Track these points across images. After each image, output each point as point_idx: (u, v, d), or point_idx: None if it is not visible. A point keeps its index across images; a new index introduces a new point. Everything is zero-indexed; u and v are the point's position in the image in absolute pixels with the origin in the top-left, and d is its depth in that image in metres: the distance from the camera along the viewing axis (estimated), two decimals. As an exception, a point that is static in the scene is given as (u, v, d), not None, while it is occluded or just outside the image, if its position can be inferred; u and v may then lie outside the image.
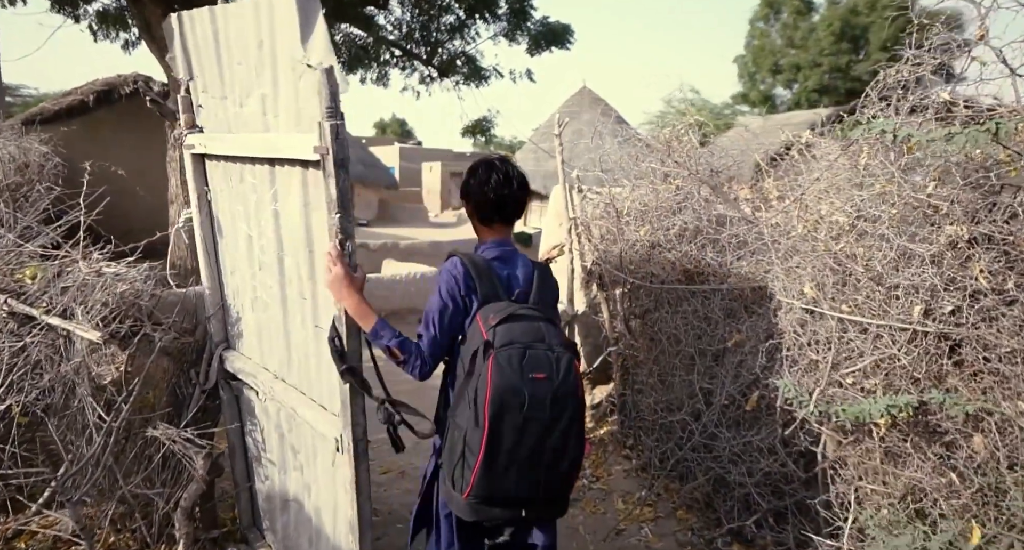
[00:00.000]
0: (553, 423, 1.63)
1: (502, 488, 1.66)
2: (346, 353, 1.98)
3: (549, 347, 1.66)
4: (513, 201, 1.96)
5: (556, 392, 1.63)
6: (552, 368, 1.64)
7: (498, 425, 1.61)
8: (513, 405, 1.60)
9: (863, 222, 2.16)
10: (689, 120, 3.43)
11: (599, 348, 4.18)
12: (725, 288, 2.91)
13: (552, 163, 23.29)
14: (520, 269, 1.92)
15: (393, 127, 53.66)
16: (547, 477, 1.67)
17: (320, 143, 1.83)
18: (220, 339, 2.90)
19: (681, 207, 3.11)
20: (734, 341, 2.92)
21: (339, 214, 1.88)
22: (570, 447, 1.67)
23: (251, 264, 2.58)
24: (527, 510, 1.70)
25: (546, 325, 1.72)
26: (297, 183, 2.13)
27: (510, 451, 1.62)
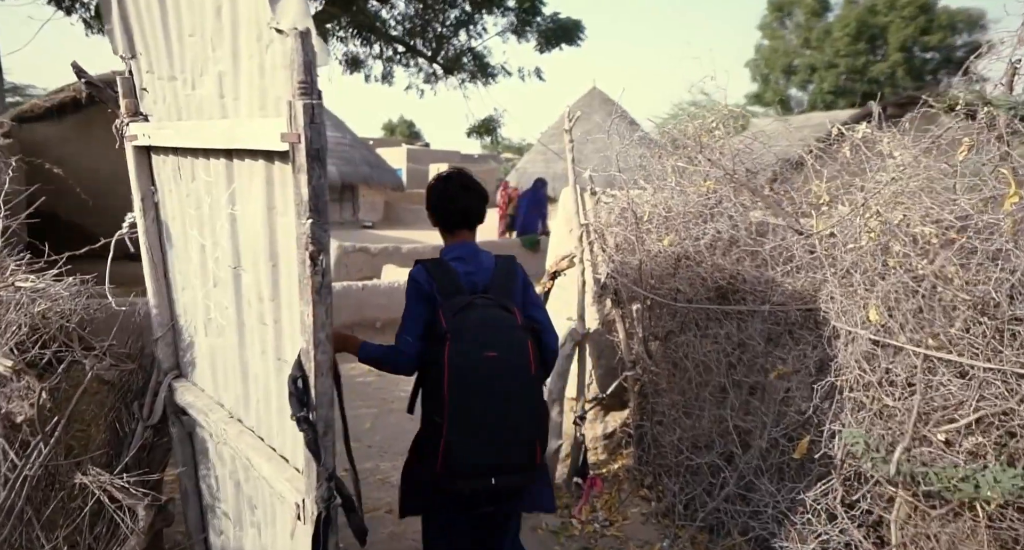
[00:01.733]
0: (508, 396, 1.84)
1: (469, 459, 1.84)
2: (311, 399, 1.54)
3: (501, 329, 1.88)
4: (474, 210, 2.13)
5: (508, 368, 1.85)
6: (504, 346, 1.85)
7: (457, 401, 1.82)
8: (469, 382, 1.82)
9: (963, 234, 1.70)
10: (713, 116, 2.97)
11: (614, 371, 3.73)
12: (767, 309, 2.44)
13: (562, 165, 22.89)
14: (481, 265, 2.08)
15: (401, 128, 53.34)
16: (509, 446, 1.85)
17: (290, 128, 1.39)
18: (169, 366, 2.46)
19: (713, 213, 2.65)
20: (777, 373, 2.46)
21: (311, 220, 1.44)
22: (527, 417, 1.87)
23: (204, 280, 2.15)
24: (496, 479, 1.85)
25: (501, 311, 1.92)
26: (260, 181, 1.69)
27: (472, 424, 1.83)
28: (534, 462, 1.90)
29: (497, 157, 43.50)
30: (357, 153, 22.17)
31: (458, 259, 2.07)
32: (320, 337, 1.48)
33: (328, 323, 1.51)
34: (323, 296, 1.46)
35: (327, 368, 1.51)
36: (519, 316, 1.94)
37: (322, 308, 1.47)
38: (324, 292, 1.46)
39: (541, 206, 13.36)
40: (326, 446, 1.53)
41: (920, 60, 21.85)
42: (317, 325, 1.47)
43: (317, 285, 1.44)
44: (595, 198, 3.39)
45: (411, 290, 2.02)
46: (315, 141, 1.36)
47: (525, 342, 1.88)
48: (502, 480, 1.87)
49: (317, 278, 1.44)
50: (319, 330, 1.48)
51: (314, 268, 1.43)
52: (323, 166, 1.40)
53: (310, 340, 1.48)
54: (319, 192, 1.40)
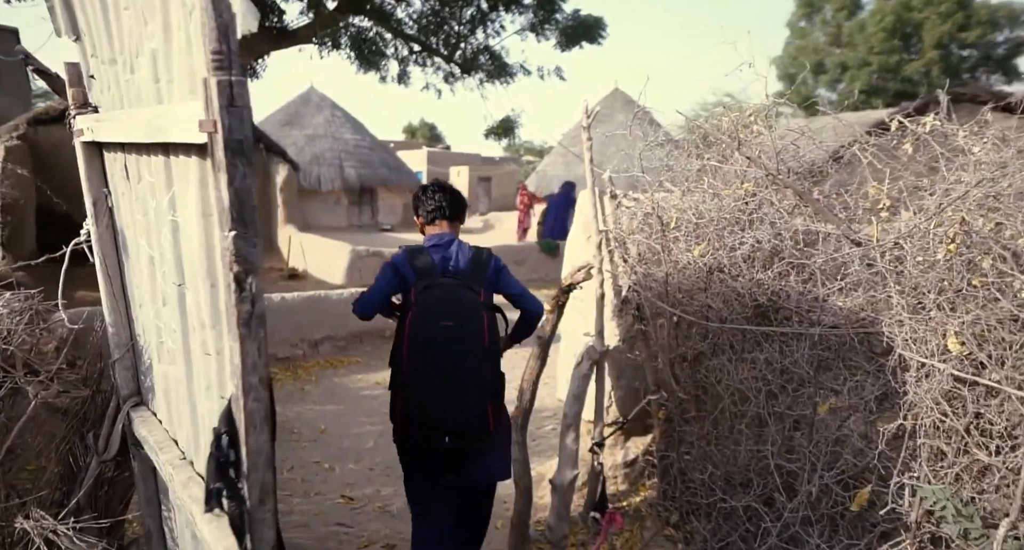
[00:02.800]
0: (460, 359, 2.05)
1: (424, 416, 2.05)
2: (241, 463, 1.22)
3: (459, 303, 2.10)
4: (447, 204, 2.44)
5: (462, 335, 2.06)
6: (459, 317, 2.07)
7: (415, 363, 2.07)
8: (426, 346, 2.05)
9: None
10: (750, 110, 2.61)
11: (636, 393, 3.37)
12: (817, 332, 2.07)
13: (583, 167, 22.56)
14: (453, 252, 2.34)
15: (422, 131, 53.34)
16: (459, 407, 2.04)
17: (206, 114, 1.08)
18: (129, 392, 2.16)
19: (752, 219, 2.29)
20: (828, 407, 2.09)
21: (235, 232, 1.13)
22: (478, 381, 2.08)
23: (154, 297, 1.85)
24: (449, 438, 2.04)
25: (464, 289, 2.16)
26: (195, 182, 1.38)
27: (427, 384, 2.04)
28: (486, 425, 2.12)
29: (518, 160, 43.23)
30: (376, 156, 22.02)
31: (434, 247, 2.35)
32: (252, 381, 1.16)
33: (262, 363, 1.18)
34: (253, 329, 1.14)
35: (262, 418, 1.19)
36: (483, 295, 2.21)
37: (253, 344, 1.15)
38: (255, 324, 1.14)
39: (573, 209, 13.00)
40: (262, 518, 1.21)
41: (957, 57, 21.02)
42: (247, 366, 1.15)
43: (245, 315, 1.12)
44: (615, 202, 3.04)
45: (387, 266, 2.34)
46: (235, 130, 1.05)
47: (480, 315, 2.14)
48: (454, 440, 2.07)
49: (245, 306, 1.12)
50: (249, 372, 1.16)
51: (240, 294, 1.11)
52: (248, 162, 1.08)
53: (239, 385, 1.16)
54: (243, 196, 1.08)
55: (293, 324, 5.70)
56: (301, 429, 4.41)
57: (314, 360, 5.81)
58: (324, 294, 5.95)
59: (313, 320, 5.84)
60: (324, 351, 5.96)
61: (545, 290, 11.09)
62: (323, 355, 5.93)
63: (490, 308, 2.24)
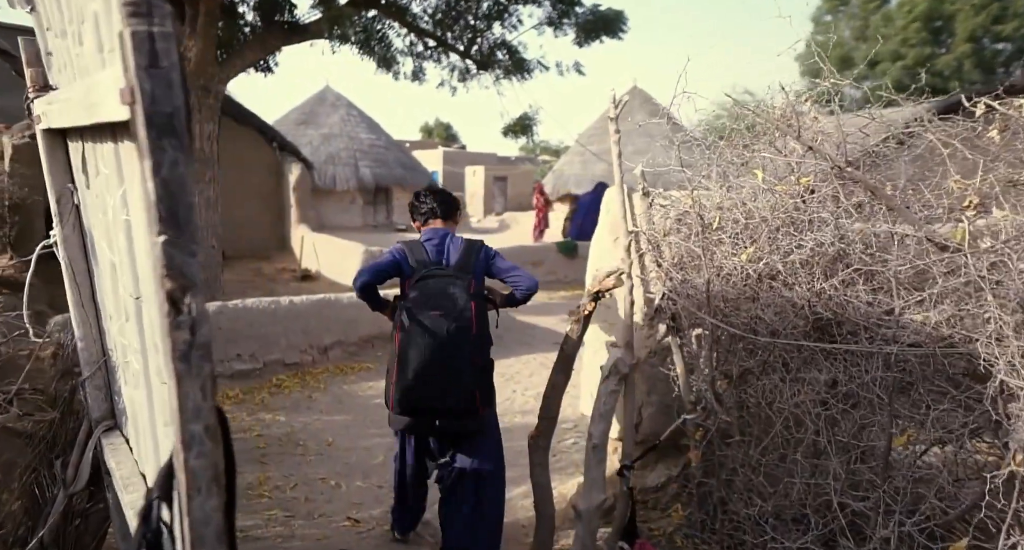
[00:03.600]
0: (448, 348, 2.24)
1: (415, 399, 2.27)
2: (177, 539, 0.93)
3: (448, 294, 2.29)
4: (439, 205, 2.66)
5: (450, 324, 2.25)
6: (448, 307, 2.26)
7: (406, 351, 2.26)
8: (416, 335, 2.25)
9: None
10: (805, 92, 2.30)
11: (668, 410, 3.07)
12: (893, 351, 1.76)
13: (601, 166, 22.16)
14: (446, 246, 2.55)
15: (438, 131, 53.22)
16: (448, 391, 2.25)
17: (124, 80, 0.81)
18: (101, 415, 1.91)
19: (812, 219, 1.98)
20: (907, 439, 1.78)
21: (165, 237, 0.85)
22: (465, 366, 2.27)
23: (118, 310, 1.59)
24: (439, 420, 2.29)
25: (454, 279, 2.34)
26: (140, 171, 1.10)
27: (416, 370, 2.24)
28: (474, 409, 2.29)
29: (534, 159, 42.93)
30: (391, 155, 21.85)
31: (428, 240, 2.57)
32: (194, 431, 0.88)
33: (208, 408, 0.90)
34: (194, 363, 0.85)
35: (209, 479, 0.89)
36: (473, 285, 2.36)
37: (194, 383, 0.86)
38: (196, 357, 0.85)
39: None
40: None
41: (991, 51, 20.28)
42: (187, 411, 0.86)
43: (182, 345, 0.83)
44: (648, 200, 2.74)
45: (388, 254, 2.56)
46: (160, 99, 0.77)
47: (469, 305, 2.26)
48: (445, 422, 2.26)
49: (182, 335, 0.83)
50: (191, 419, 0.87)
51: (175, 318, 0.83)
52: (180, 144, 0.80)
53: (178, 435, 0.88)
54: (175, 189, 0.80)
55: (302, 329, 5.46)
56: (307, 442, 4.16)
57: (323, 366, 5.57)
58: (334, 298, 5.71)
59: (322, 325, 5.60)
60: (334, 357, 5.71)
61: (563, 292, 10.81)
62: (333, 361, 5.69)
63: (479, 297, 2.43)
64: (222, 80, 7.34)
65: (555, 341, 7.54)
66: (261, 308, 5.23)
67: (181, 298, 0.82)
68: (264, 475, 3.64)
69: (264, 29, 7.76)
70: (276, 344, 5.30)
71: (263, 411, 4.60)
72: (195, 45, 6.79)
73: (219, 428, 0.91)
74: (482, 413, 2.33)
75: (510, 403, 5.18)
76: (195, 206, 0.87)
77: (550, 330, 7.65)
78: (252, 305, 5.19)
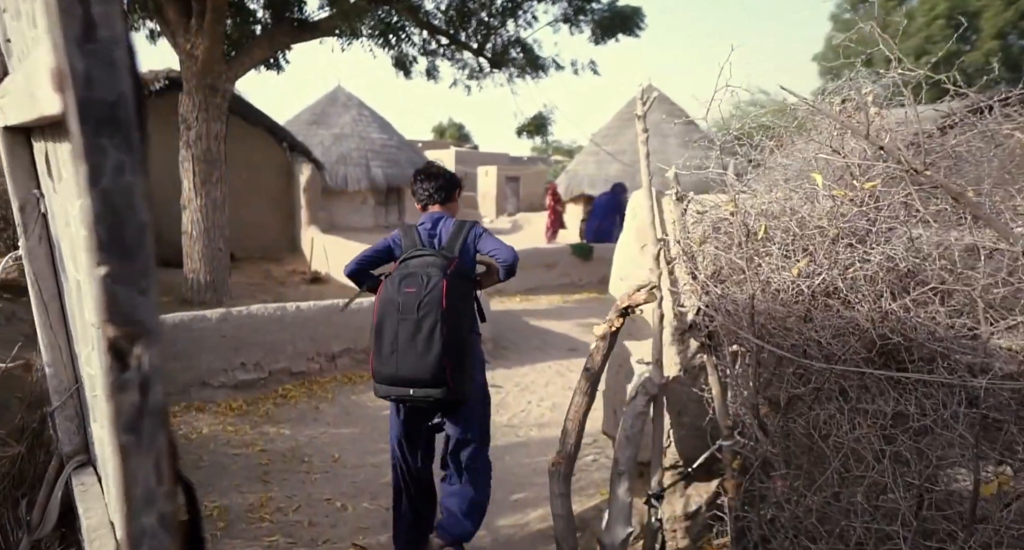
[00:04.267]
0: (420, 322, 2.36)
1: (389, 371, 2.40)
2: None
3: (423, 272, 2.43)
4: (434, 191, 2.80)
5: (421, 301, 2.37)
6: (421, 285, 2.40)
7: (381, 324, 2.42)
8: (390, 310, 2.41)
9: None
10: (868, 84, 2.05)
11: (700, 433, 2.82)
12: (982, 384, 1.51)
13: (616, 166, 21.87)
14: (439, 229, 2.73)
15: (451, 131, 53.07)
16: (421, 362, 2.35)
17: (52, 58, 0.59)
18: (73, 449, 1.70)
19: (879, 229, 1.73)
20: (998, 486, 1.53)
21: (106, 268, 0.62)
22: (435, 340, 2.35)
23: (84, 335, 1.38)
24: (413, 389, 2.41)
25: (435, 258, 2.49)
26: (75, 180, 0.88)
27: (391, 342, 2.39)
28: (443, 377, 2.36)
29: (547, 159, 42.65)
30: (403, 155, 21.68)
31: (422, 224, 2.75)
32: (144, 524, 0.65)
33: (164, 492, 0.67)
34: (145, 435, 0.63)
35: None
36: (455, 263, 2.50)
37: (146, 460, 0.64)
38: (149, 427, 0.63)
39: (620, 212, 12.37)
40: None
41: (1018, 48, 19.74)
42: (135, 500, 0.64)
43: (129, 411, 0.61)
44: (682, 204, 2.50)
45: (383, 240, 2.77)
46: (99, 84, 0.55)
47: (440, 280, 2.38)
48: (418, 391, 2.39)
49: (128, 397, 0.61)
50: (141, 510, 0.65)
51: (119, 376, 0.60)
52: (126, 144, 0.58)
53: (124, 529, 0.65)
54: (121, 204, 0.58)
55: (309, 336, 5.26)
56: (312, 458, 3.95)
57: (331, 375, 5.36)
58: (342, 303, 5.50)
59: (331, 331, 5.40)
60: (342, 365, 5.51)
61: (577, 295, 10.55)
62: (341, 369, 5.48)
63: (460, 276, 2.52)
64: (230, 78, 7.17)
65: (570, 347, 7.32)
66: (267, 315, 5.03)
67: (128, 349, 0.59)
68: (266, 495, 3.43)
69: (274, 26, 7.58)
70: (282, 352, 5.10)
71: (267, 423, 4.40)
72: (202, 42, 6.62)
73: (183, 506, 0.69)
74: (454, 385, 2.42)
75: (525, 415, 4.96)
76: (148, 227, 0.65)
77: (565, 335, 7.41)
78: (258, 312, 5.00)
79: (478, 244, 2.69)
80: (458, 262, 2.55)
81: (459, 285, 2.48)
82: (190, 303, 7.39)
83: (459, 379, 2.43)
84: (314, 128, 21.10)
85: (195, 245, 7.28)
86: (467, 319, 2.59)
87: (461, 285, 2.51)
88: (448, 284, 2.39)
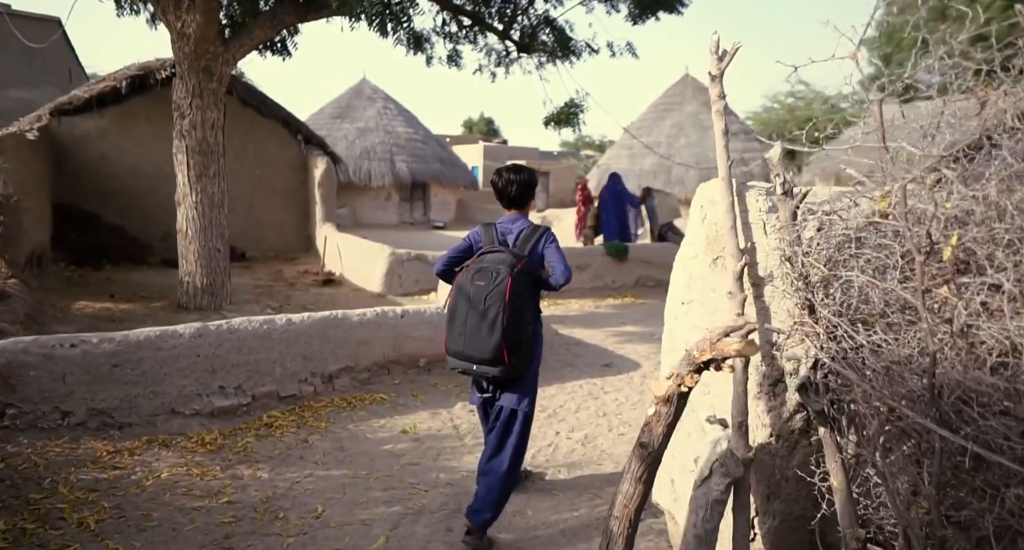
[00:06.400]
0: (486, 311, 2.71)
1: (457, 348, 2.81)
2: None
3: (493, 268, 2.76)
4: (515, 196, 3.13)
5: (488, 293, 2.71)
6: (490, 279, 2.74)
7: (454, 309, 2.82)
8: (461, 298, 2.79)
9: None
10: None
11: (801, 525, 1.99)
12: None
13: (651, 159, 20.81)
14: (514, 230, 3.08)
15: (479, 126, 52.33)
16: (483, 344, 2.72)
17: None
18: None
19: None
20: None
21: None
22: (497, 327, 2.69)
23: None
24: (476, 365, 2.79)
25: (506, 255, 2.83)
26: None
27: (461, 324, 2.78)
28: (501, 358, 2.74)
29: (577, 154, 41.59)
30: (429, 149, 20.98)
31: (501, 223, 3.14)
32: None
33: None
34: None
35: None
36: (524, 262, 2.84)
37: None
38: None
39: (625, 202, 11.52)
40: None
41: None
42: None
43: None
44: (790, 201, 1.65)
45: (464, 239, 3.16)
46: None
47: (506, 277, 2.73)
48: (479, 368, 2.81)
49: None
50: None
51: None
52: None
53: None
54: None
55: (301, 354, 4.52)
56: (289, 513, 3.20)
57: (327, 398, 4.62)
58: (342, 315, 4.76)
59: (328, 348, 4.66)
60: (341, 386, 4.77)
61: (611, 299, 9.69)
62: (339, 391, 4.74)
63: (526, 274, 2.84)
64: (227, 61, 6.48)
65: (604, 362, 6.42)
66: (252, 329, 4.31)
67: None
68: (221, 571, 2.69)
69: (276, 3, 6.87)
70: (270, 373, 4.38)
71: (243, 463, 3.67)
72: (194, 20, 5.93)
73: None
74: (509, 364, 2.76)
75: (553, 450, 4.15)
76: None
77: (598, 348, 6.58)
78: (240, 326, 4.28)
79: (545, 250, 3.00)
80: (526, 261, 2.88)
81: (523, 282, 2.82)
82: (186, 309, 6.74)
83: (514, 360, 2.79)
84: (338, 122, 20.54)
85: (191, 245, 6.62)
86: (528, 310, 2.90)
87: (525, 282, 2.84)
88: (513, 281, 2.73)
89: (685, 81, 20.85)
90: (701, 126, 19.32)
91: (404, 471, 3.75)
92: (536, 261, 2.96)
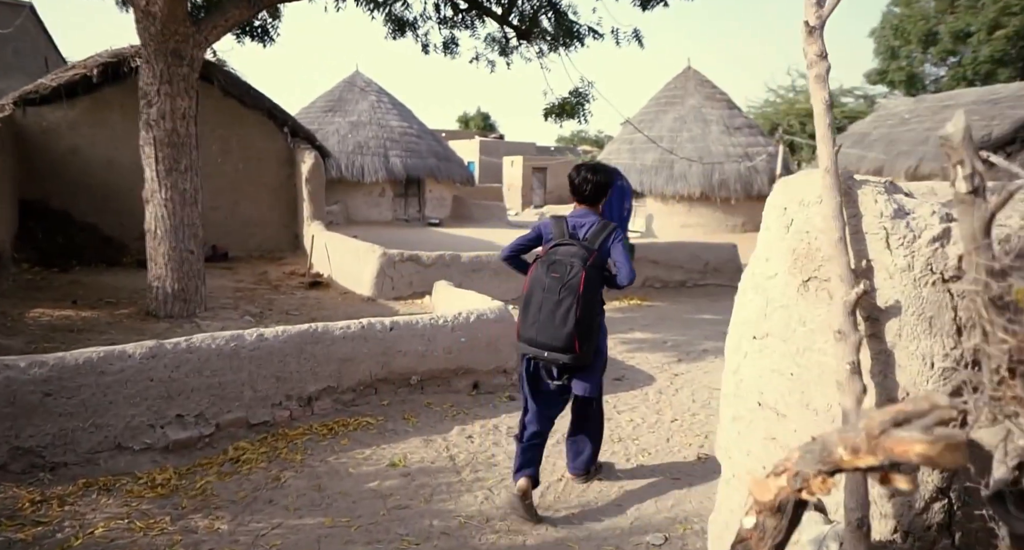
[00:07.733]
0: (560, 302, 2.89)
1: (530, 335, 2.99)
2: None
3: (567, 261, 2.94)
4: (586, 192, 3.26)
5: (563, 285, 2.89)
6: (565, 271, 2.91)
7: (529, 298, 3.00)
8: (536, 288, 2.97)
9: None
10: None
11: None
12: None
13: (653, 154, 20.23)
14: (586, 222, 3.19)
15: (476, 120, 51.63)
16: (557, 333, 2.90)
17: None
18: None
19: None
20: None
21: None
22: (570, 317, 2.87)
23: None
24: (547, 352, 2.95)
25: (578, 248, 2.98)
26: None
27: (535, 313, 2.96)
28: (572, 347, 2.91)
29: (574, 149, 40.91)
30: (424, 144, 20.34)
31: (572, 216, 3.27)
32: None
33: None
34: None
35: None
36: (594, 256, 2.99)
37: None
38: None
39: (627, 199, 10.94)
40: None
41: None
42: None
43: None
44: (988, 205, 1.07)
45: (532, 229, 3.36)
46: None
47: (580, 271, 2.90)
48: (550, 355, 2.96)
49: None
50: None
51: None
52: None
53: None
54: None
55: (275, 374, 3.94)
56: (248, 581, 2.62)
57: (305, 425, 4.04)
58: (322, 329, 4.17)
59: (306, 366, 4.07)
60: (321, 410, 4.18)
61: (616, 302, 9.11)
62: (319, 416, 4.15)
63: (596, 268, 3.01)
64: (199, 44, 5.86)
65: (615, 376, 5.74)
66: (216, 348, 3.71)
67: None
68: None
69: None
70: (237, 397, 3.79)
71: (199, 511, 3.08)
72: None
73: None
74: (580, 352, 2.93)
75: (563, 486, 3.58)
76: None
77: (611, 359, 5.99)
78: (202, 344, 3.68)
79: (612, 247, 3.10)
80: (597, 255, 3.02)
81: (595, 275, 3.00)
82: (155, 317, 6.14)
83: (585, 349, 2.96)
84: (329, 115, 19.88)
85: (160, 247, 6.01)
86: (597, 302, 3.09)
87: (597, 275, 3.03)
88: (587, 274, 2.91)
89: (687, 74, 20.26)
90: (703, 120, 18.75)
91: (391, 517, 3.17)
92: (604, 255, 3.10)
